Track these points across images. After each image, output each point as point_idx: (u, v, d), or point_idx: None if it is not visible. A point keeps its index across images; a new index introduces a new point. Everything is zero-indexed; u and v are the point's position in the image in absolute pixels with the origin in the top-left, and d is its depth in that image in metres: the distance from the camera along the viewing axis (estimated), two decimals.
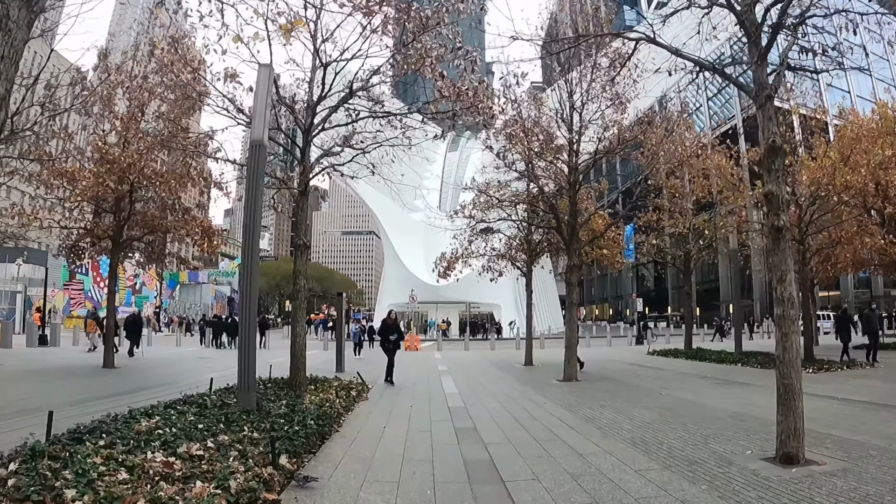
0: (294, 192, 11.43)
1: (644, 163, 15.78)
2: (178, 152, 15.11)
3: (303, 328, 10.85)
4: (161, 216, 16.70)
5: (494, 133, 15.08)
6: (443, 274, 20.64)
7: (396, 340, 15.10)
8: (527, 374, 16.67)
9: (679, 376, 15.99)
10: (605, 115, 14.27)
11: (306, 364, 11.35)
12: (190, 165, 14.89)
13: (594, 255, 19.18)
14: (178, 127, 13.71)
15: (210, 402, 8.96)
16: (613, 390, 12.79)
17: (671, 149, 14.55)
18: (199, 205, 18.45)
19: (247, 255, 8.23)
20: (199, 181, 15.67)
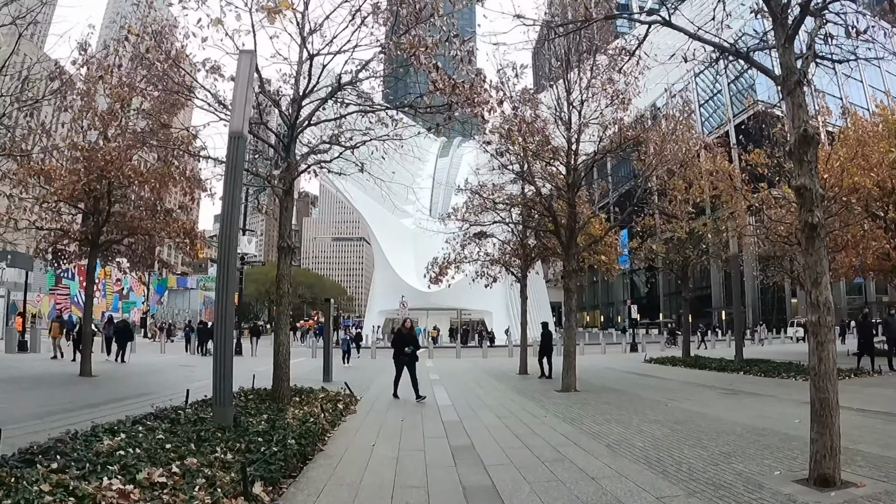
0: (278, 190, 10.71)
1: (644, 164, 15.18)
2: (159, 150, 14.34)
3: (287, 336, 10.10)
4: (141, 218, 15.88)
5: (491, 130, 14.42)
6: (434, 280, 19.93)
7: (413, 353, 13.19)
8: (523, 384, 15.99)
9: (682, 386, 15.38)
10: (604, 114, 13.67)
11: (290, 374, 10.64)
12: (171, 164, 14.10)
13: (592, 260, 18.56)
14: (158, 123, 13.00)
15: (184, 416, 8.21)
16: (616, 402, 12.12)
17: (675, 148, 13.96)
18: (183, 206, 17.47)
19: (223, 255, 7.51)
20: (180, 180, 14.87)
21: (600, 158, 14.04)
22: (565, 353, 14.22)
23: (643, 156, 14.55)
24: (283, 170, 10.66)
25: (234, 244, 7.53)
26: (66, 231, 16.52)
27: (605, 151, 13.83)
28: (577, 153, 14.02)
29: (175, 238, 15.96)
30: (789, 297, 65.60)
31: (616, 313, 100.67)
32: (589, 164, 14.37)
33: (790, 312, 64.20)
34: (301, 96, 10.70)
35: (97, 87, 15.55)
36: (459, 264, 19.56)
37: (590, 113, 13.66)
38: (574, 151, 14.13)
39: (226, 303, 7.36)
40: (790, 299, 65.73)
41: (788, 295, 65.30)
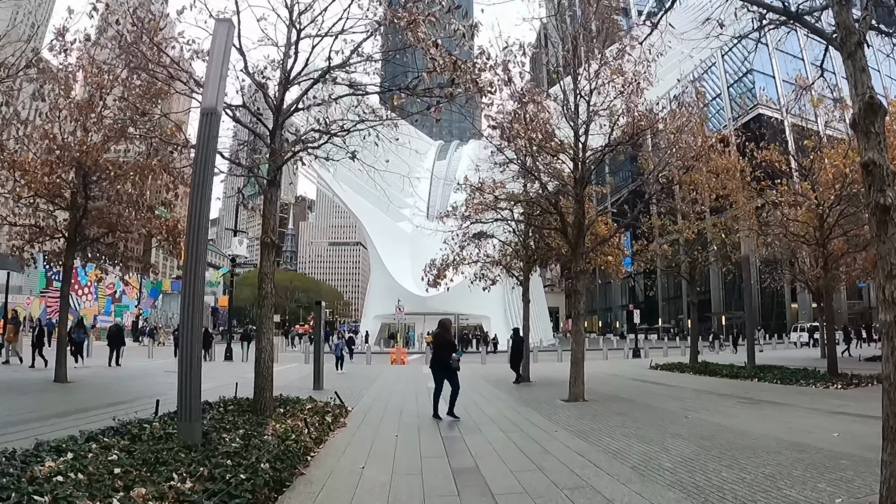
0: (262, 181, 9.74)
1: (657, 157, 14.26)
2: (138, 141, 13.36)
3: (270, 341, 9.12)
4: (120, 213, 14.86)
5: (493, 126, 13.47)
6: (432, 283, 18.96)
7: (456, 361, 10.94)
8: (526, 393, 14.99)
9: (696, 394, 14.43)
10: (615, 104, 12.74)
11: (276, 382, 9.67)
12: (153, 156, 13.10)
13: (599, 261, 17.61)
14: (137, 111, 12.02)
15: (149, 432, 7.22)
16: (629, 413, 11.15)
17: (691, 140, 13.02)
18: (166, 203, 16.41)
19: (192, 248, 6.54)
20: (160, 173, 13.88)
21: (611, 150, 13.09)
22: (573, 360, 13.25)
23: (656, 148, 13.62)
24: (267, 156, 9.71)
25: (203, 235, 6.55)
26: (42, 228, 15.50)
27: (616, 143, 12.88)
28: (586, 146, 13.09)
29: (157, 236, 14.96)
30: (789, 302, 64.82)
31: (614, 318, 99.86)
32: (598, 158, 13.42)
33: (789, 318, 63.47)
34: (287, 78, 9.76)
35: (77, 75, 14.63)
36: (458, 266, 18.58)
37: (599, 102, 12.73)
38: (582, 144, 13.20)
39: (193, 304, 6.39)
40: (790, 304, 64.95)
41: (788, 300, 64.55)
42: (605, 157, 13.51)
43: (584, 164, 13.29)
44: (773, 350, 42.07)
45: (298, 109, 10.03)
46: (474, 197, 16.52)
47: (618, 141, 12.86)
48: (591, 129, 13.21)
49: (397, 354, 29.49)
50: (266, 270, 9.19)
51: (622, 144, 13.04)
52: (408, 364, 28.89)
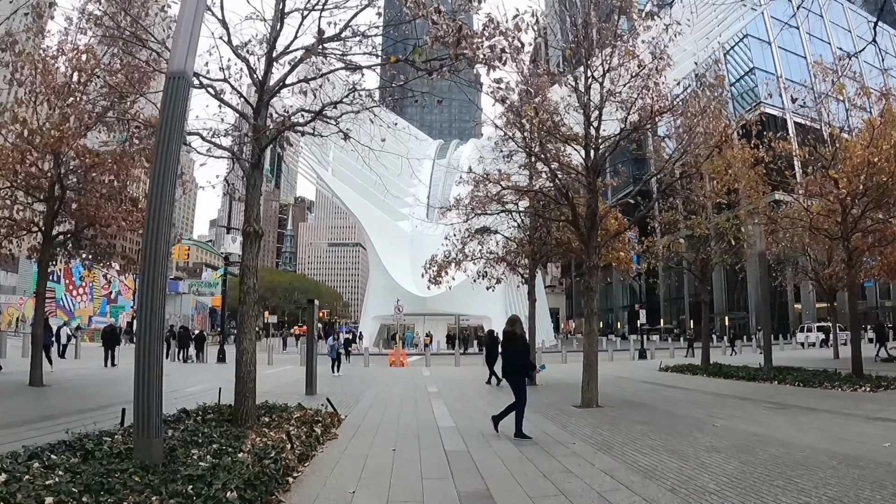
0: (244, 164, 8.75)
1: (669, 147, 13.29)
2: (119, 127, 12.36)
3: (252, 343, 8.11)
4: (99, 206, 13.83)
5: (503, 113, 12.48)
6: (433, 280, 17.96)
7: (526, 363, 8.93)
8: (534, 398, 13.91)
9: (718, 399, 13.47)
10: (632, 84, 11.75)
11: (261, 387, 8.69)
12: (131, 143, 12.09)
13: (610, 257, 16.58)
14: (116, 93, 11.07)
15: (106, 447, 6.23)
16: (651, 421, 10.15)
17: (713, 126, 12.00)
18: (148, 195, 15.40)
19: (151, 236, 5.55)
20: (139, 163, 12.89)
21: (627, 135, 12.08)
22: (586, 363, 12.25)
23: (675, 133, 12.61)
24: (250, 134, 8.72)
25: (164, 222, 5.56)
26: (17, 221, 14.50)
27: (633, 128, 11.87)
28: (599, 130, 12.10)
29: (139, 230, 13.90)
30: (792, 302, 63.92)
31: (615, 319, 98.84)
32: (613, 145, 12.41)
33: (792, 318, 62.60)
34: (272, 49, 8.77)
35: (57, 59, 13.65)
36: (461, 263, 17.58)
37: (614, 83, 11.73)
38: (596, 129, 12.21)
39: (152, 299, 5.40)
40: (792, 305, 64.06)
41: (791, 300, 63.66)
42: (621, 143, 12.47)
43: (598, 150, 12.30)
44: (780, 351, 41.02)
45: (286, 86, 9.03)
46: (478, 189, 15.49)
47: (634, 125, 11.85)
48: (604, 115, 12.25)
49: (396, 356, 28.46)
50: (248, 263, 8.18)
51: (639, 129, 12.03)
52: (407, 366, 27.86)
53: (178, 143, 5.95)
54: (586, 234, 12.41)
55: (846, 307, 58.50)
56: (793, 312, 64.42)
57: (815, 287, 30.41)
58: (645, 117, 11.51)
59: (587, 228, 12.37)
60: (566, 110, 12.68)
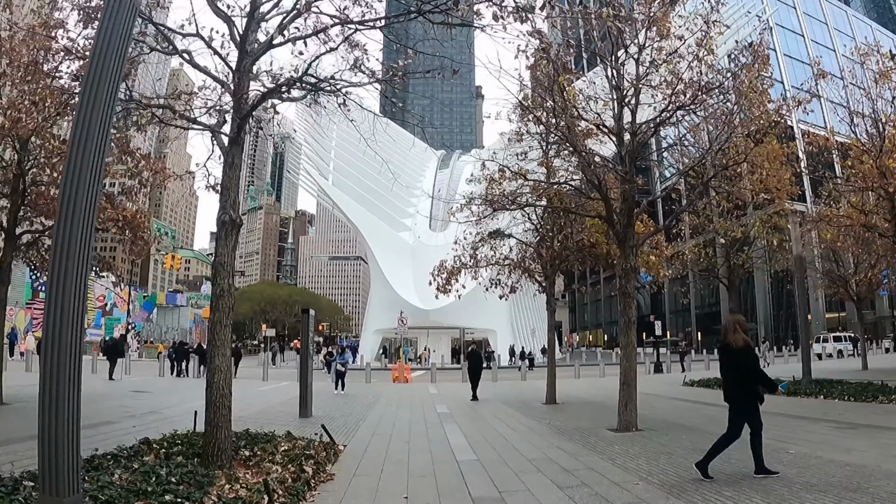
0: (221, 139, 7.17)
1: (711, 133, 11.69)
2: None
3: (226, 359, 6.46)
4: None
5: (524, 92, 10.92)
6: (442, 288, 16.31)
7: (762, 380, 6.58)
8: (560, 419, 12.26)
9: (770, 419, 11.70)
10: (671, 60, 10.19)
11: (244, 412, 7.06)
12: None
13: (640, 261, 14.86)
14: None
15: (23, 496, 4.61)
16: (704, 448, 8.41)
17: (759, 110, 10.42)
18: (128, 192, 13.73)
19: (65, 223, 3.95)
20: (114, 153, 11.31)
21: (669, 116, 10.48)
22: (624, 380, 10.56)
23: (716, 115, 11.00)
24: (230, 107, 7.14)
25: (87, 203, 3.97)
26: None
27: (677, 107, 10.27)
28: (637, 110, 10.54)
29: (112, 229, 12.33)
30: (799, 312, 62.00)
31: (619, 333, 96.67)
32: (653, 128, 10.81)
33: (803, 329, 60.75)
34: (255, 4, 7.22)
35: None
36: (474, 269, 15.98)
37: (653, 56, 10.17)
38: (632, 111, 10.65)
39: (63, 299, 3.78)
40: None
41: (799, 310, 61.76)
42: (663, 125, 10.88)
43: (635, 135, 10.71)
44: (797, 363, 39.32)
45: (272, 46, 7.46)
46: (493, 187, 13.90)
47: (678, 105, 10.26)
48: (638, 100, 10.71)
49: (400, 371, 26.70)
50: (223, 260, 6.55)
51: (684, 109, 10.43)
52: (412, 382, 26.09)
53: (110, 95, 4.35)
54: (622, 232, 10.79)
55: (854, 316, 57.01)
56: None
57: (844, 294, 28.74)
58: (693, 94, 9.91)
59: (623, 226, 10.75)
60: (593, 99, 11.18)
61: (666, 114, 10.43)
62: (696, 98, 10.15)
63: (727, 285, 20.96)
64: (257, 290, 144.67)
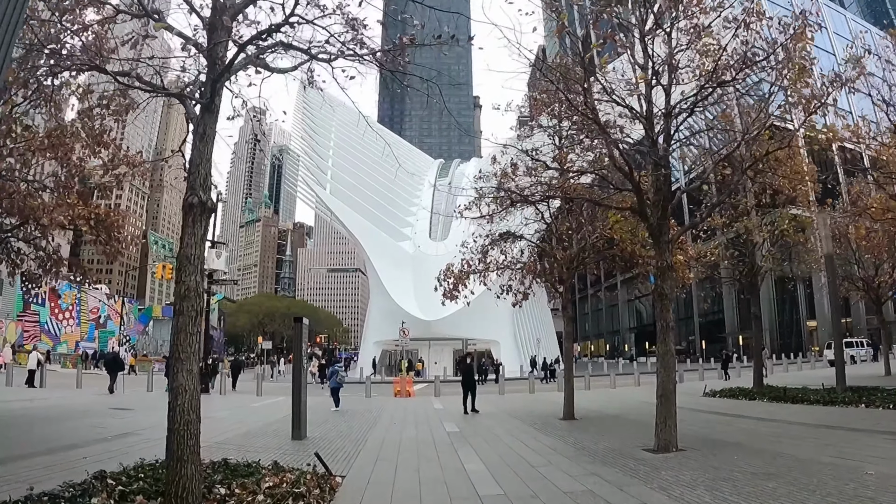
0: (191, 106, 5.92)
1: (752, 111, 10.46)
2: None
3: (191, 375, 5.13)
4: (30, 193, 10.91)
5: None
6: (449, 294, 15.02)
7: None
8: (586, 438, 10.90)
9: (819, 432, 10.76)
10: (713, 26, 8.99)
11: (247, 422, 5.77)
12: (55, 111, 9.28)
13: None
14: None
15: None
16: (773, 471, 7.26)
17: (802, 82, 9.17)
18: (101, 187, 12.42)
19: None
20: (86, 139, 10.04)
21: (709, 93, 9.24)
22: (662, 394, 9.27)
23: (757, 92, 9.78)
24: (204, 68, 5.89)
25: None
26: None
27: (717, 83, 9.02)
28: (672, 86, 9.31)
29: (83, 227, 11.01)
30: (804, 319, 61.05)
31: (622, 342, 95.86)
32: (690, 106, 9.56)
33: (805, 336, 59.73)
34: None
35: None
36: (485, 273, 14.71)
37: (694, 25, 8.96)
38: (666, 89, 9.43)
39: None
40: (805, 322, 61.18)
41: (804, 317, 60.86)
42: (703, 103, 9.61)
43: (669, 115, 9.48)
44: (811, 370, 38.03)
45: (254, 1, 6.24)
46: (506, 180, 12.65)
47: (719, 80, 9.03)
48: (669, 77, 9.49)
49: (402, 385, 25.28)
50: (189, 251, 5.26)
51: (724, 85, 9.20)
52: (414, 396, 24.67)
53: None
54: (656, 226, 9.52)
55: (861, 322, 55.67)
56: (805, 330, 61.63)
57: (863, 297, 27.58)
58: (738, 66, 8.69)
59: (657, 219, 9.49)
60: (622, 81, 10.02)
61: (705, 90, 9.18)
62: (741, 70, 8.93)
63: (749, 289, 19.76)
64: (255, 303, 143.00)
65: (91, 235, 11.27)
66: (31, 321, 60.05)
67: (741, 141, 10.02)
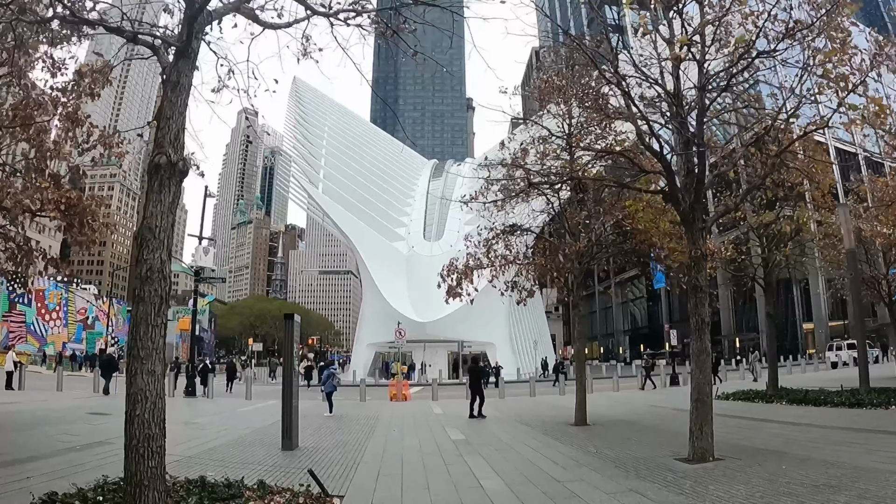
0: (164, 53, 4.89)
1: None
2: None
3: (153, 378, 4.07)
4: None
5: None
6: (452, 291, 13.99)
7: None
8: (608, 447, 9.89)
9: (859, 436, 10.05)
10: None
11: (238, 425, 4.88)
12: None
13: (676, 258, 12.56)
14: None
15: None
16: (829, 482, 6.34)
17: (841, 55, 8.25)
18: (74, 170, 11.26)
19: None
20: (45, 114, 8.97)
21: (747, 66, 8.27)
22: (698, 398, 8.27)
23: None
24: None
25: None
26: None
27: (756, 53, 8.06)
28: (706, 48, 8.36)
29: (51, 212, 9.88)
30: (801, 321, 60.63)
31: (616, 344, 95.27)
32: (726, 81, 8.60)
33: (801, 338, 59.29)
34: None
35: None
36: (492, 269, 13.74)
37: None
38: (699, 61, 8.48)
39: None
40: (801, 324, 60.77)
41: (801, 319, 60.45)
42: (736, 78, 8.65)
43: (704, 90, 8.52)
44: (814, 371, 37.41)
45: None
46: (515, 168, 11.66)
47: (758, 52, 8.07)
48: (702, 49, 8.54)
49: (398, 388, 24.18)
50: (154, 223, 4.22)
51: (763, 56, 8.24)
52: (411, 400, 23.59)
53: None
54: (688, 211, 8.55)
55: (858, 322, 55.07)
56: (801, 332, 61.27)
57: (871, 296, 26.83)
58: (785, 34, 7.74)
59: (690, 203, 8.52)
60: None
61: (743, 62, 8.23)
62: (782, 39, 7.98)
63: (763, 286, 18.88)
64: (247, 305, 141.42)
65: (60, 222, 10.15)
66: (16, 321, 58.44)
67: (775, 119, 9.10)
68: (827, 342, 51.84)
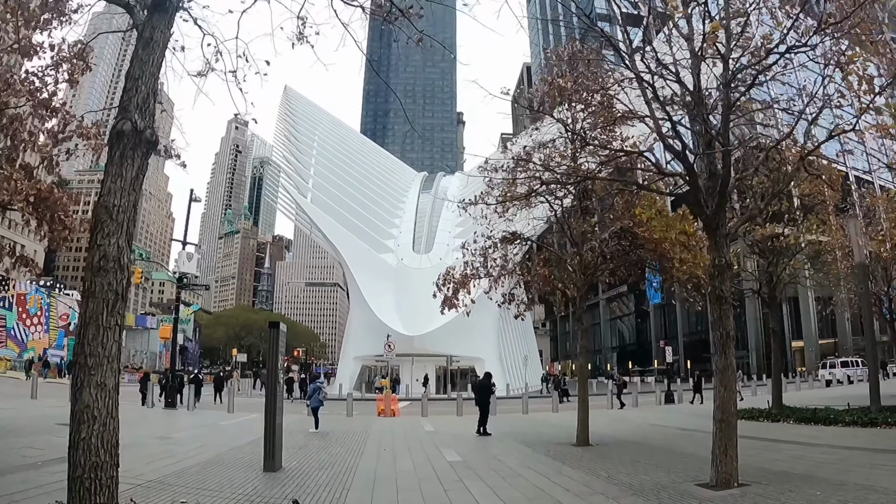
0: (138, 11, 4.15)
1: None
2: None
3: (106, 393, 3.27)
4: None
5: None
6: (449, 301, 13.25)
7: None
8: (617, 471, 9.12)
9: (885, 457, 9.26)
10: None
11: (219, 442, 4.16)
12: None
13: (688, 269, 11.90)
14: None
15: None
16: None
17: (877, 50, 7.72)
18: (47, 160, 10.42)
19: None
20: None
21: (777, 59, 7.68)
22: (722, 417, 7.56)
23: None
24: None
25: None
26: None
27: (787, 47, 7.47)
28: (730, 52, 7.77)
29: (18, 204, 9.01)
30: (790, 339, 60.45)
31: (604, 361, 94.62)
32: (753, 76, 8.00)
33: (790, 356, 59.01)
34: None
35: None
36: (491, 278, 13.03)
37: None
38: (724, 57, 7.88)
39: None
40: (790, 343, 60.56)
41: (790, 337, 60.26)
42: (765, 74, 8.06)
43: (728, 86, 7.90)
44: (809, 389, 36.97)
45: None
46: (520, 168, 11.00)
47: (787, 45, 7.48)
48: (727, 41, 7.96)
49: (386, 403, 23.25)
50: (112, 201, 3.44)
51: (792, 51, 7.64)
52: (400, 416, 22.66)
53: None
54: (712, 217, 7.90)
55: (847, 342, 54.91)
56: (790, 350, 61.03)
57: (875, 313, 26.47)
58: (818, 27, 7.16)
59: (715, 205, 7.87)
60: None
61: (774, 54, 7.63)
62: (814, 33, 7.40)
63: (768, 302, 18.35)
64: (232, 315, 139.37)
65: (29, 216, 9.28)
66: None
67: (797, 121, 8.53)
68: (817, 360, 51.67)
